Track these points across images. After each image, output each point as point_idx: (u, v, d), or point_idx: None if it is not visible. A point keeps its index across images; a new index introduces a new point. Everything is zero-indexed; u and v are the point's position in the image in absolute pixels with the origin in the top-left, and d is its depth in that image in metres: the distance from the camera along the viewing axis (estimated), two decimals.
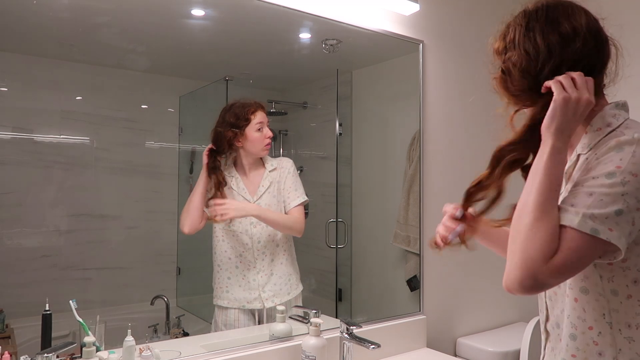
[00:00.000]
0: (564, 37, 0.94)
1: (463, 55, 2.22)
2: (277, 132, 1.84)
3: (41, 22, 1.38)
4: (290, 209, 1.72)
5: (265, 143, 1.68)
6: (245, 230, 1.67)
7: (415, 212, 2.04)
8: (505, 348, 2.05)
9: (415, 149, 2.06)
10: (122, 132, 1.54)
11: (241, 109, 1.65)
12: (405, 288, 2.06)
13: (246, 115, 1.64)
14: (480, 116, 2.28)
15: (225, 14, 1.67)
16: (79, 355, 1.24)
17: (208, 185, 1.61)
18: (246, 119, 1.64)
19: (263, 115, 1.68)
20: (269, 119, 1.70)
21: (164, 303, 1.59)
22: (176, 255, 1.65)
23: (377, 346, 1.51)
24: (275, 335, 1.59)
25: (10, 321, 1.31)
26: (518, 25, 1.04)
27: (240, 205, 1.66)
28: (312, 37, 1.86)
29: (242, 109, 1.65)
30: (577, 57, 0.93)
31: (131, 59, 1.54)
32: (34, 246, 1.37)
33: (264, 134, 1.67)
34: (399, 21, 1.99)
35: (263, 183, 1.70)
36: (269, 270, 1.69)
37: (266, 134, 1.68)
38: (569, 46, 0.93)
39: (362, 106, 2.02)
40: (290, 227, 1.73)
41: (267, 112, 1.70)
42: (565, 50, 0.93)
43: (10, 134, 1.35)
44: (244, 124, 1.64)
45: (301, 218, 1.73)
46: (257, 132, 1.66)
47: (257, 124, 1.66)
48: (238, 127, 1.64)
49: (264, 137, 1.67)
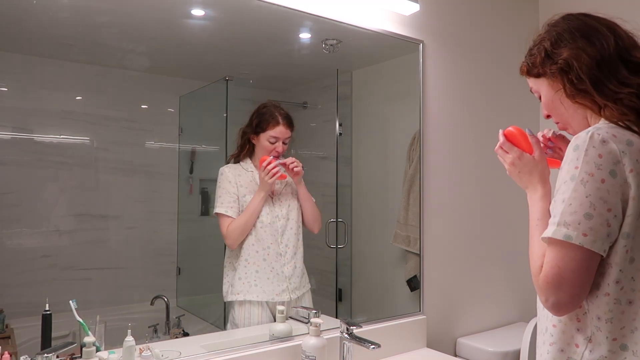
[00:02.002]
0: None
1: (463, 55, 2.22)
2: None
3: (41, 22, 1.38)
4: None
5: (271, 155, 1.69)
6: (272, 222, 1.71)
7: (415, 212, 2.04)
8: (505, 348, 2.05)
9: (415, 149, 2.06)
10: (122, 132, 1.54)
11: (266, 116, 1.71)
12: (405, 288, 2.06)
13: (264, 125, 1.70)
14: (481, 116, 2.28)
15: (225, 14, 1.67)
16: (79, 355, 1.24)
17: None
18: (263, 128, 1.70)
19: (283, 131, 1.70)
20: (290, 137, 1.74)
21: (164, 303, 1.59)
22: (176, 255, 1.65)
23: (377, 346, 1.51)
24: (275, 335, 1.59)
25: (10, 321, 1.31)
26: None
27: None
28: (312, 37, 1.86)
29: (266, 116, 1.71)
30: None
31: (131, 59, 1.54)
32: (34, 246, 1.37)
33: (274, 147, 1.70)
34: (399, 21, 1.99)
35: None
36: (293, 263, 1.74)
37: (276, 147, 1.70)
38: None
39: (362, 106, 2.02)
40: (319, 216, 1.81)
41: (292, 129, 1.73)
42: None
43: (10, 134, 1.35)
44: (259, 130, 1.70)
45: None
46: (269, 143, 1.70)
47: (272, 137, 1.69)
48: (255, 131, 1.71)
49: (273, 150, 1.70)
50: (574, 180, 0.86)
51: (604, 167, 0.84)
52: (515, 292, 2.42)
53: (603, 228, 0.84)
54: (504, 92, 2.36)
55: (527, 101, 2.44)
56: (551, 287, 0.86)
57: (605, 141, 0.86)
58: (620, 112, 0.90)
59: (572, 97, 0.96)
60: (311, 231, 1.80)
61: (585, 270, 0.85)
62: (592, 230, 0.84)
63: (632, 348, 0.88)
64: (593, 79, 0.92)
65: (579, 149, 0.87)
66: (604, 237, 0.84)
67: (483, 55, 2.30)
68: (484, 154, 2.25)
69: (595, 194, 0.84)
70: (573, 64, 0.94)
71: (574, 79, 0.94)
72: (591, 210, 0.84)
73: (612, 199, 0.84)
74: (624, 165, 0.85)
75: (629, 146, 0.87)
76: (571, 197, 0.86)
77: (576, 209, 0.85)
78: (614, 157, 0.85)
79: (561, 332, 0.95)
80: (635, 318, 0.88)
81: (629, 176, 0.85)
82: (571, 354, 0.93)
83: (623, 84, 0.91)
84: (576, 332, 0.93)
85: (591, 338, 0.90)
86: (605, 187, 0.84)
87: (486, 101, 2.30)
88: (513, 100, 2.39)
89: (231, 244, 1.66)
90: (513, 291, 2.41)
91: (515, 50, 2.58)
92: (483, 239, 2.30)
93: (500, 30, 2.37)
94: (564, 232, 0.85)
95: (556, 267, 0.85)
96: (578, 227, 0.84)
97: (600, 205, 0.84)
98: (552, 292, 0.86)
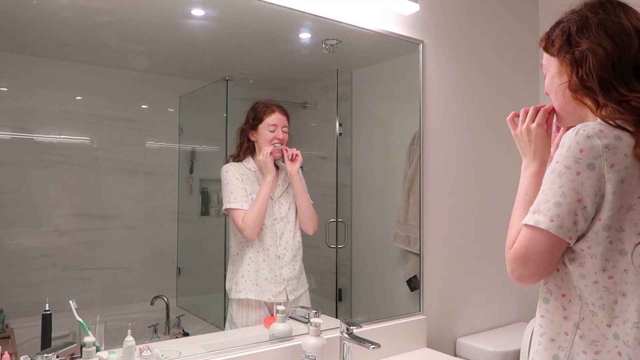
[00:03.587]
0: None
1: (463, 55, 2.22)
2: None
3: (41, 22, 1.38)
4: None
5: (273, 142, 1.71)
6: (271, 224, 1.71)
7: (415, 212, 2.04)
8: (505, 348, 2.05)
9: (415, 149, 2.06)
10: (122, 132, 1.54)
11: (260, 107, 1.73)
12: (405, 288, 2.06)
13: (260, 116, 1.72)
14: (481, 116, 2.28)
15: (225, 14, 1.67)
16: (79, 355, 1.24)
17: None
18: (260, 119, 1.72)
19: (279, 117, 1.73)
20: (287, 126, 1.75)
21: (164, 303, 1.59)
22: (176, 255, 1.65)
23: (377, 346, 1.51)
24: (275, 335, 1.59)
25: (10, 321, 1.31)
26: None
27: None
28: (312, 37, 1.86)
29: (260, 108, 1.73)
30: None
31: (131, 59, 1.54)
32: (34, 246, 1.37)
33: (275, 135, 1.71)
34: (399, 21, 1.99)
35: (280, 183, 1.77)
36: (292, 266, 1.74)
37: (277, 134, 1.71)
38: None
39: (362, 106, 2.02)
40: (315, 217, 1.81)
41: (287, 118, 1.75)
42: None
43: (10, 134, 1.35)
44: (257, 123, 1.72)
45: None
46: (269, 132, 1.71)
47: (271, 126, 1.71)
48: (253, 125, 1.73)
49: (274, 137, 1.71)
50: (552, 173, 0.90)
51: (582, 161, 0.87)
52: (515, 292, 2.42)
53: (570, 217, 0.88)
54: (504, 92, 2.36)
55: (528, 101, 2.44)
56: (517, 263, 0.94)
57: (590, 136, 0.87)
58: (618, 112, 0.89)
59: (575, 91, 0.95)
60: (306, 232, 1.79)
61: (548, 253, 0.91)
62: (558, 217, 0.88)
63: (624, 338, 0.89)
64: (602, 78, 0.91)
65: (564, 145, 0.89)
66: (569, 225, 0.88)
67: (483, 55, 2.30)
68: (484, 153, 2.25)
69: (568, 185, 0.88)
70: (588, 58, 0.92)
71: (584, 74, 0.92)
72: (561, 199, 0.88)
73: (585, 190, 0.87)
74: (605, 160, 0.86)
75: (617, 141, 0.86)
76: (548, 188, 0.91)
77: (549, 197, 0.90)
78: (595, 152, 0.86)
79: (549, 322, 0.97)
80: (628, 310, 0.89)
81: (609, 171, 0.86)
82: (561, 342, 0.95)
83: (632, 90, 0.90)
84: (563, 320, 0.95)
85: (579, 324, 0.93)
86: (580, 179, 0.87)
87: (486, 101, 2.30)
88: (513, 100, 2.39)
89: (249, 234, 1.66)
90: (513, 291, 2.41)
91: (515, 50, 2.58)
92: (483, 239, 2.30)
93: (500, 30, 2.37)
94: (535, 218, 0.91)
95: (524, 247, 0.93)
96: (547, 213, 0.89)
97: (571, 196, 0.88)
98: (516, 266, 0.95)
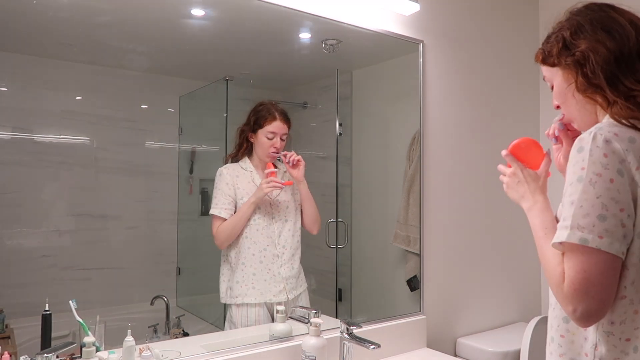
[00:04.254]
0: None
1: (463, 55, 2.22)
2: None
3: (41, 22, 1.38)
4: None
5: (269, 151, 1.71)
6: (268, 224, 1.71)
7: (415, 212, 2.04)
8: (505, 348, 2.05)
9: (415, 149, 2.06)
10: (122, 132, 1.54)
11: (263, 112, 1.72)
12: (405, 288, 2.06)
13: (261, 122, 1.71)
14: (481, 116, 2.27)
15: (225, 14, 1.67)
16: (79, 356, 1.24)
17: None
18: (260, 125, 1.71)
19: (280, 126, 1.72)
20: (287, 134, 1.75)
21: (164, 303, 1.59)
22: (176, 255, 1.65)
23: (377, 346, 1.51)
24: (275, 335, 1.59)
25: (10, 321, 1.31)
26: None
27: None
28: (312, 37, 1.86)
29: (262, 113, 1.72)
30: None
31: (131, 59, 1.54)
32: (34, 246, 1.36)
33: (272, 143, 1.71)
34: (399, 21, 1.99)
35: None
36: (290, 264, 1.74)
37: (274, 143, 1.71)
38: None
39: (362, 106, 2.02)
40: (320, 218, 1.81)
41: (288, 125, 1.75)
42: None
43: (10, 134, 1.35)
44: (257, 127, 1.72)
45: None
46: (267, 139, 1.71)
47: (270, 133, 1.70)
48: (252, 128, 1.72)
49: (271, 146, 1.71)
50: (581, 181, 0.84)
51: (610, 166, 0.82)
52: (515, 292, 2.42)
53: (618, 229, 0.81)
54: (504, 92, 2.36)
55: (528, 101, 2.44)
56: (579, 294, 0.81)
57: (609, 141, 0.84)
58: (629, 110, 0.88)
59: (583, 91, 0.94)
60: (310, 232, 1.80)
61: (611, 273, 0.82)
62: (607, 232, 0.80)
63: None
64: (608, 73, 0.90)
65: (584, 150, 0.85)
66: (620, 239, 0.81)
67: (483, 55, 2.30)
68: (484, 153, 2.25)
69: (606, 195, 0.81)
70: (590, 56, 0.91)
71: (589, 72, 0.92)
72: (604, 211, 0.81)
73: (623, 198, 0.82)
74: (629, 164, 0.83)
75: (632, 143, 0.85)
76: (581, 198, 0.83)
77: (588, 210, 0.82)
78: (619, 156, 0.83)
79: (570, 342, 0.93)
80: None
81: (635, 174, 0.83)
82: None
83: (639, 81, 0.89)
84: (584, 341, 0.91)
85: (597, 345, 0.89)
86: (615, 187, 0.82)
87: (486, 101, 2.30)
88: (513, 100, 2.39)
89: (219, 244, 1.68)
90: (513, 291, 2.41)
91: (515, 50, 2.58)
92: (483, 239, 2.30)
93: (500, 30, 2.37)
94: (579, 235, 0.82)
95: (582, 272, 0.81)
96: (593, 229, 0.81)
97: (612, 206, 0.81)
98: (580, 299, 0.81)
